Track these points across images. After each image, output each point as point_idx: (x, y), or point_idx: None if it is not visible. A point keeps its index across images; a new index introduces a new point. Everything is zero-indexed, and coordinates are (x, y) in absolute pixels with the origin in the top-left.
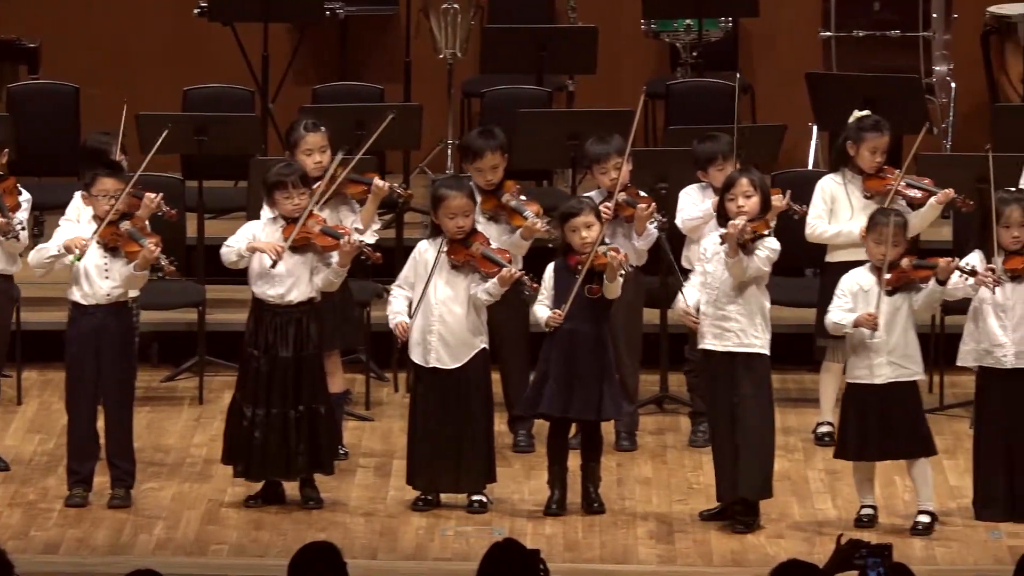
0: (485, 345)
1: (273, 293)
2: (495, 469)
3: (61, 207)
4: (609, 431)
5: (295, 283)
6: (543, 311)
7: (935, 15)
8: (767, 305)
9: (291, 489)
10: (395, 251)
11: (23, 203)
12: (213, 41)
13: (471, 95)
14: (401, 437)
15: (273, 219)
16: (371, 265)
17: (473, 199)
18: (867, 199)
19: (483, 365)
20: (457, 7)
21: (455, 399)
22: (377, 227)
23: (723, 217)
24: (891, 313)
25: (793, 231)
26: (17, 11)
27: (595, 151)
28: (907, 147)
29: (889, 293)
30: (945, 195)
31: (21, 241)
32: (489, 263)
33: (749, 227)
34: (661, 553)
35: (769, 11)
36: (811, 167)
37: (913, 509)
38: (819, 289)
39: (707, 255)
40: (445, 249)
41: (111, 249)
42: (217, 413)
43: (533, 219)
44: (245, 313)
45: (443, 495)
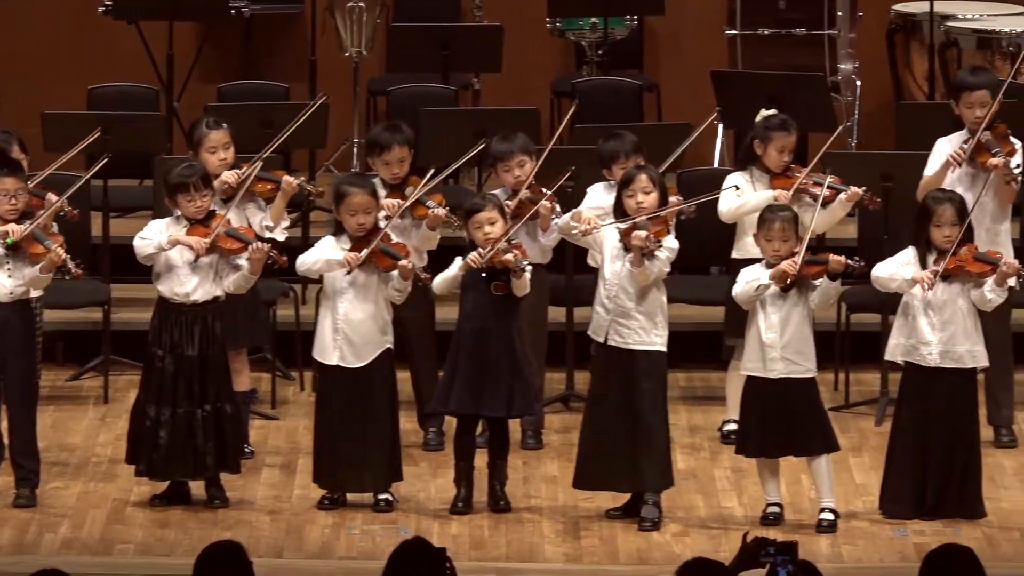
0: (390, 344)
1: (179, 292)
2: (401, 468)
3: None
4: (515, 429)
5: (200, 282)
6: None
7: (840, 13)
8: (665, 302)
9: (196, 488)
10: (301, 250)
11: None
12: (118, 39)
13: (377, 93)
14: (307, 435)
15: (176, 218)
16: (277, 268)
17: (375, 197)
18: (774, 198)
19: (388, 364)
20: (362, 5)
21: (360, 398)
22: (286, 224)
23: (621, 212)
24: (786, 310)
25: (698, 229)
26: None
27: (499, 149)
28: (812, 145)
29: (783, 289)
30: (854, 193)
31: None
32: (386, 258)
33: (653, 236)
34: (567, 551)
35: (674, 9)
36: (716, 165)
37: (818, 506)
38: (728, 286)
39: (603, 251)
40: (347, 247)
41: (13, 248)
42: (122, 412)
43: (436, 208)
44: (150, 312)
45: (349, 494)
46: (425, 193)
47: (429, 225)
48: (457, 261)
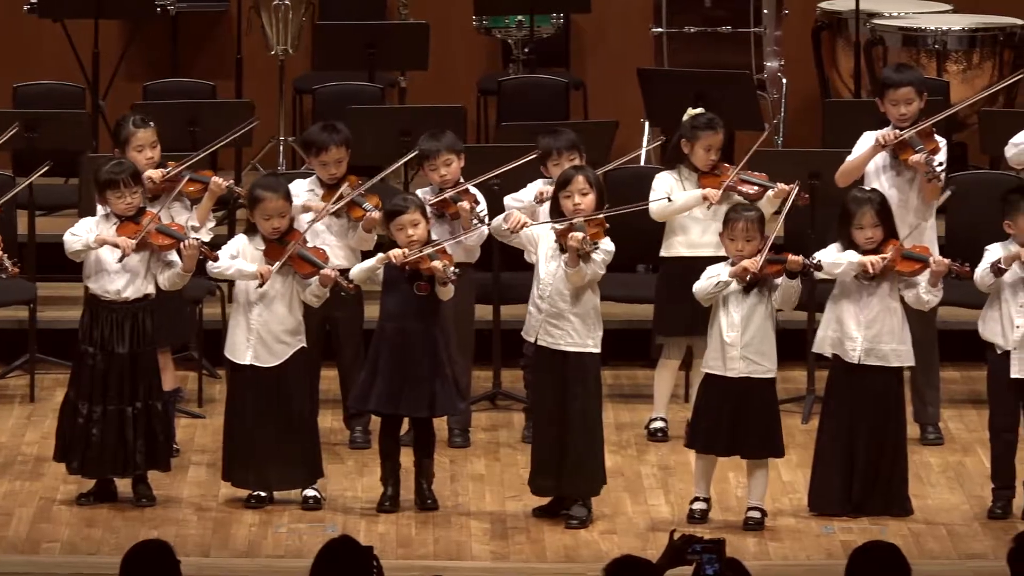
0: (303, 344)
1: (110, 289)
2: (321, 465)
3: None
4: (442, 427)
5: (131, 280)
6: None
7: (766, 11)
8: (599, 304)
9: (123, 486)
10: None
11: None
12: (43, 37)
13: (303, 92)
14: None
15: (106, 216)
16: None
17: (289, 200)
18: None
19: (302, 363)
20: (288, 4)
21: (274, 397)
22: (212, 224)
23: (557, 213)
24: (748, 309)
25: (626, 228)
26: None
27: (426, 147)
28: (739, 142)
29: (745, 289)
30: (782, 189)
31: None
32: (304, 263)
33: (590, 238)
34: (494, 549)
35: (601, 7)
36: (643, 163)
37: (745, 504)
38: (656, 285)
39: (538, 251)
40: (262, 249)
41: None
42: (49, 411)
43: (372, 211)
44: (76, 311)
45: (277, 492)
46: (361, 195)
47: (365, 228)
48: (379, 253)
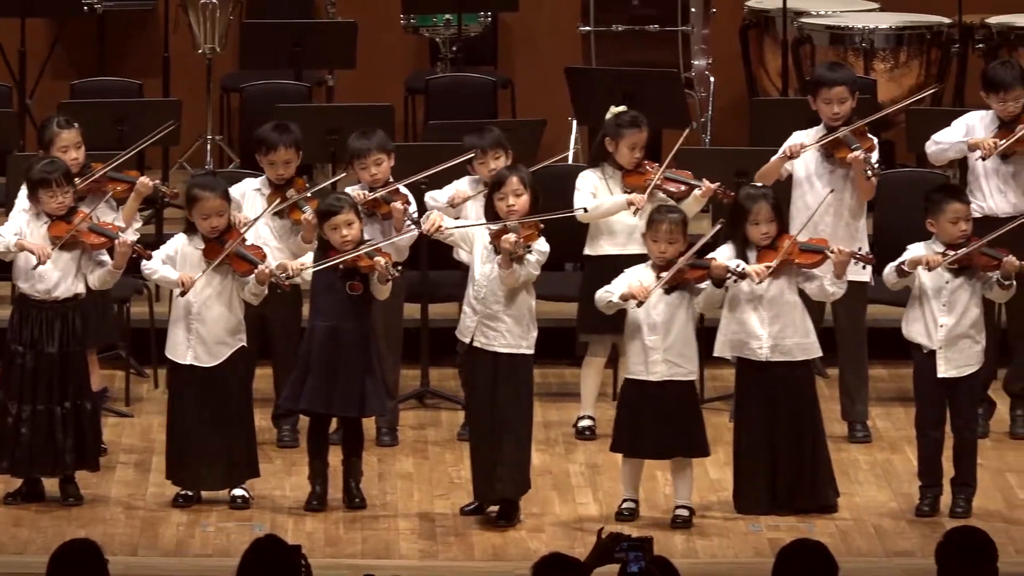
0: (243, 343)
1: (40, 288)
2: (258, 465)
3: None
4: (370, 426)
5: (62, 279)
6: None
7: (693, 10)
8: (534, 304)
9: (51, 486)
10: (154, 247)
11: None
12: None
13: (230, 90)
14: (161, 433)
15: (36, 214)
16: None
17: (227, 199)
18: (626, 194)
19: (241, 362)
20: (215, 2)
21: (214, 396)
22: (138, 225)
23: (492, 214)
24: (669, 312)
25: (553, 227)
26: None
27: (355, 147)
28: (667, 141)
29: (667, 291)
30: (708, 188)
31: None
32: (241, 261)
33: (524, 240)
34: (423, 548)
35: (529, 6)
36: (571, 162)
37: (673, 503)
38: (581, 283)
39: (480, 256)
40: (201, 247)
41: None
42: None
43: (311, 215)
44: (5, 310)
45: (204, 491)
46: (304, 199)
47: (305, 238)
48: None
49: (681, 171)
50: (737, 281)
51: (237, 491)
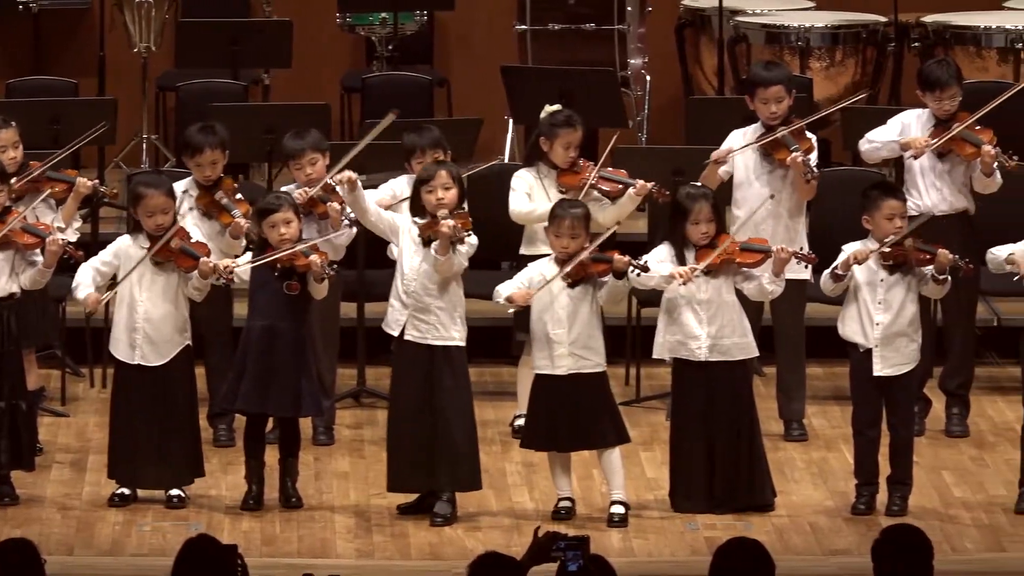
0: (189, 341)
1: None
2: (203, 463)
3: None
4: (306, 425)
5: None
6: None
7: (629, 8)
8: (463, 297)
9: None
10: (91, 247)
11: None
12: None
13: (166, 89)
14: (98, 432)
15: None
16: (74, 263)
17: (172, 196)
18: (562, 194)
19: (187, 361)
20: (151, 1)
21: (160, 396)
22: (78, 224)
23: (419, 208)
24: (573, 305)
25: (489, 225)
26: None
27: (290, 147)
28: (603, 140)
29: (571, 285)
30: (642, 186)
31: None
32: (185, 257)
33: (460, 225)
34: (359, 547)
35: (465, 5)
36: (507, 160)
37: (610, 501)
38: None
39: (403, 246)
40: (146, 246)
41: None
42: None
43: (240, 218)
44: None
45: (141, 491)
46: (232, 200)
47: (232, 234)
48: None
49: (616, 170)
50: (639, 274)
51: (173, 490)
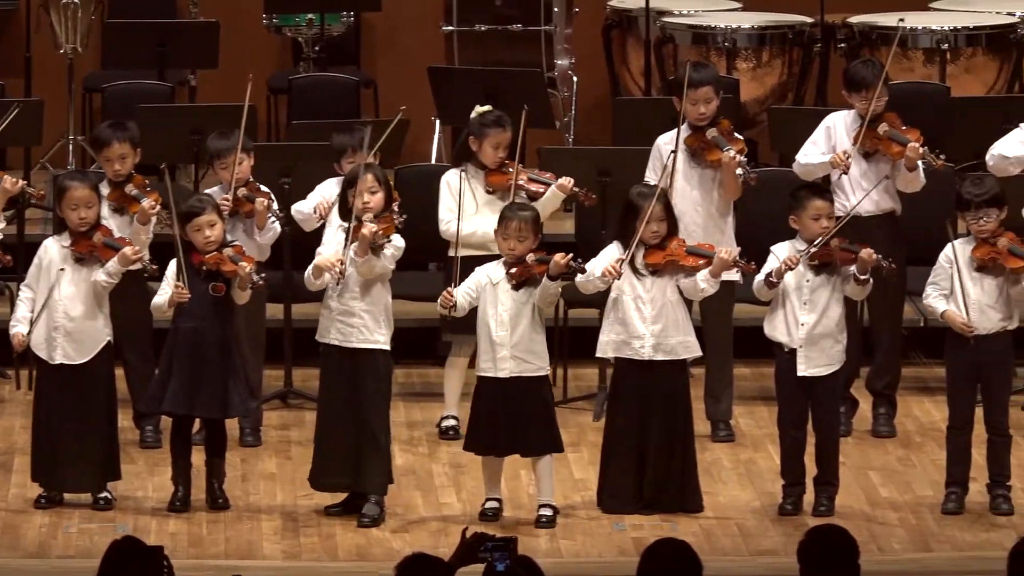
0: (110, 338)
1: None
2: (119, 466)
3: None
4: (233, 427)
5: None
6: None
7: (556, 9)
8: (390, 301)
9: None
10: (17, 248)
11: None
12: None
13: (92, 90)
14: (23, 434)
15: None
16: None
17: (97, 192)
18: (489, 194)
19: (108, 360)
20: (77, 2)
21: (80, 395)
22: (2, 226)
23: (346, 212)
24: (516, 308)
25: (417, 226)
26: None
27: (215, 147)
28: (530, 141)
29: (515, 288)
30: (567, 181)
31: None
32: (111, 251)
33: (380, 230)
34: (286, 548)
35: (391, 5)
36: (434, 161)
37: (537, 502)
38: (443, 284)
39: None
40: (68, 244)
41: None
42: None
43: (149, 204)
44: None
45: (67, 493)
46: (143, 191)
47: (139, 220)
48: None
49: (543, 171)
50: (576, 274)
51: (100, 492)
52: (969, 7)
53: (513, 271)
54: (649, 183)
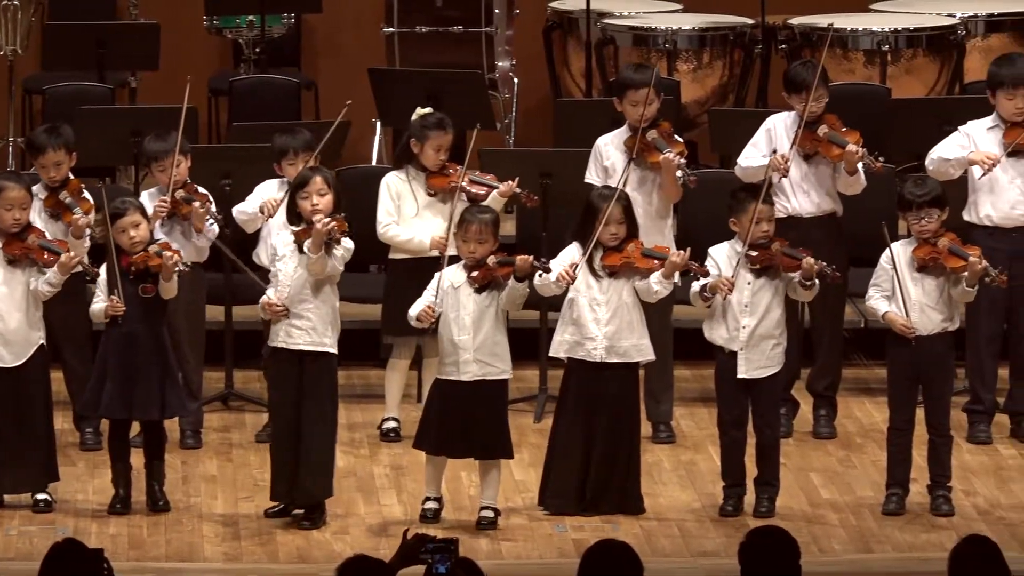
0: (43, 340)
1: None
2: (56, 467)
3: None
4: (174, 429)
5: None
6: None
7: (497, 11)
8: (337, 304)
9: None
10: None
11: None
12: None
13: (32, 92)
14: None
15: None
16: None
17: (31, 193)
18: (431, 196)
19: (42, 362)
20: (17, 3)
21: (15, 397)
22: None
23: (294, 215)
24: (479, 311)
25: (358, 228)
26: None
27: (153, 149)
28: (470, 143)
29: (477, 291)
30: (508, 187)
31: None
32: (45, 253)
33: (335, 225)
34: (227, 551)
35: (332, 7)
36: (375, 163)
37: (478, 504)
38: (384, 286)
39: (278, 253)
40: (0, 245)
41: None
42: None
43: (81, 216)
44: None
45: (6, 495)
46: (77, 199)
47: (74, 234)
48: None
49: (484, 173)
50: (542, 275)
51: (40, 495)
52: (909, 9)
53: (475, 274)
54: (610, 185)
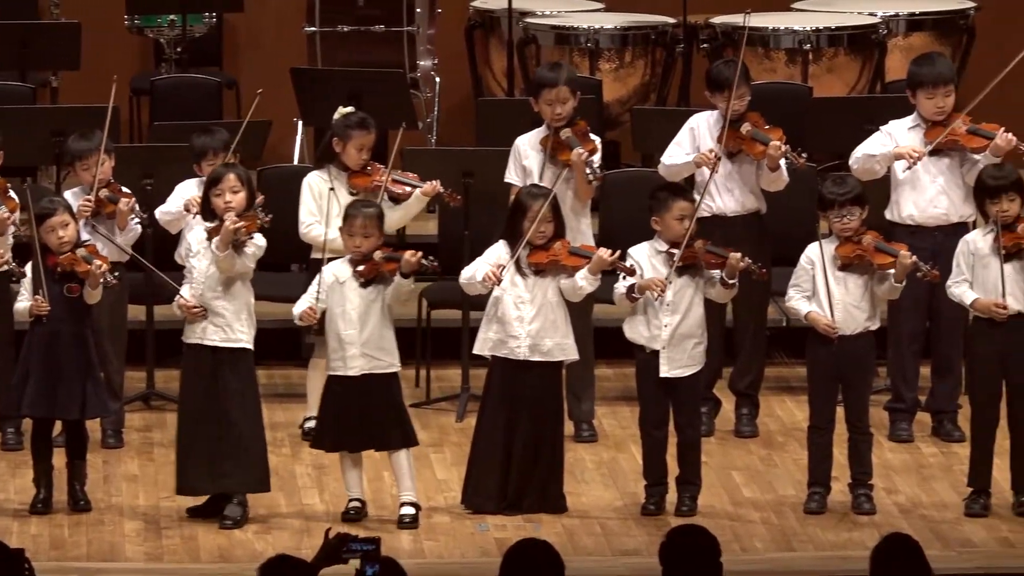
0: None
1: None
2: None
3: None
4: (95, 428)
5: None
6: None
7: (419, 10)
8: (252, 300)
9: None
10: None
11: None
12: None
13: None
14: None
15: None
16: None
17: None
18: (353, 195)
19: None
20: None
21: None
22: None
23: (209, 213)
24: (364, 306)
25: (280, 228)
26: None
27: (76, 148)
28: (393, 142)
29: (363, 285)
30: (431, 186)
31: None
32: None
33: (244, 226)
34: (148, 550)
35: (254, 6)
36: (296, 162)
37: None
38: (306, 285)
39: (192, 250)
40: None
41: None
42: None
43: (5, 212)
44: None
45: None
46: (1, 198)
47: None
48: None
49: (407, 173)
50: (428, 271)
51: None
52: (831, 8)
53: (361, 268)
54: (539, 184)
